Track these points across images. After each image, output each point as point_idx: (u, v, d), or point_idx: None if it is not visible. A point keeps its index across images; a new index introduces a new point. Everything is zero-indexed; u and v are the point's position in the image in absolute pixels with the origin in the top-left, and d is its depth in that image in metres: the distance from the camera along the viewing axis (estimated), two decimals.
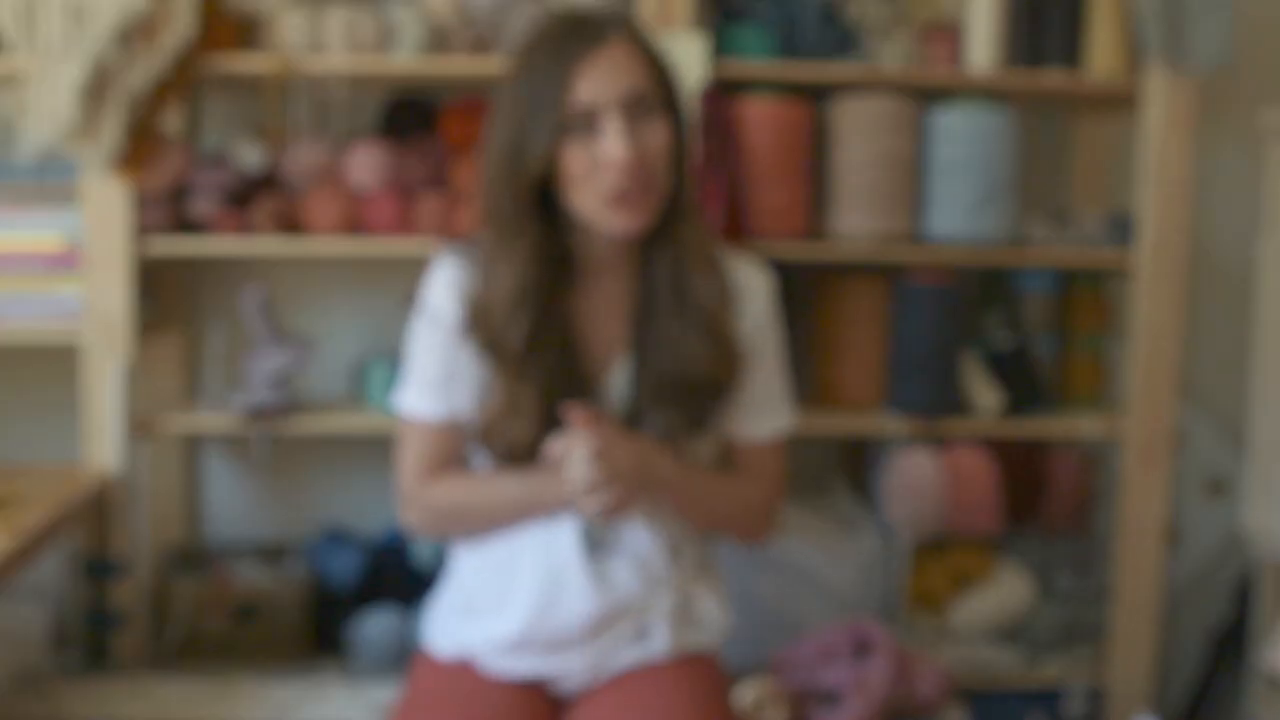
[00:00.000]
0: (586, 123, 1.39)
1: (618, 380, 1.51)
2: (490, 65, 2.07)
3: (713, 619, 1.57)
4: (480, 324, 1.46)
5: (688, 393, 1.48)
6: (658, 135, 1.41)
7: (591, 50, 1.39)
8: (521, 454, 1.47)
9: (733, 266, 1.55)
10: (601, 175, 1.39)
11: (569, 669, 1.52)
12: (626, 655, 1.52)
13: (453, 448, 1.54)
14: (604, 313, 1.51)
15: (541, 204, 1.44)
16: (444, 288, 1.50)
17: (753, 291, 1.55)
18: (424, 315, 1.52)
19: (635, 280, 1.51)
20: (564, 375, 1.47)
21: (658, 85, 1.42)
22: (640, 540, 1.51)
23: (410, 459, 1.55)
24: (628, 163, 1.37)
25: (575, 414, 1.41)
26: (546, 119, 1.39)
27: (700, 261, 1.49)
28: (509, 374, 1.46)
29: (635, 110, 1.39)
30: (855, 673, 1.67)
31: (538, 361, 1.45)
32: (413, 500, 1.55)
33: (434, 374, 1.51)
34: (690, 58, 2.00)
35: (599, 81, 1.38)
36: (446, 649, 1.57)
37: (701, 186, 2.04)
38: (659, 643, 1.52)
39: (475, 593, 1.56)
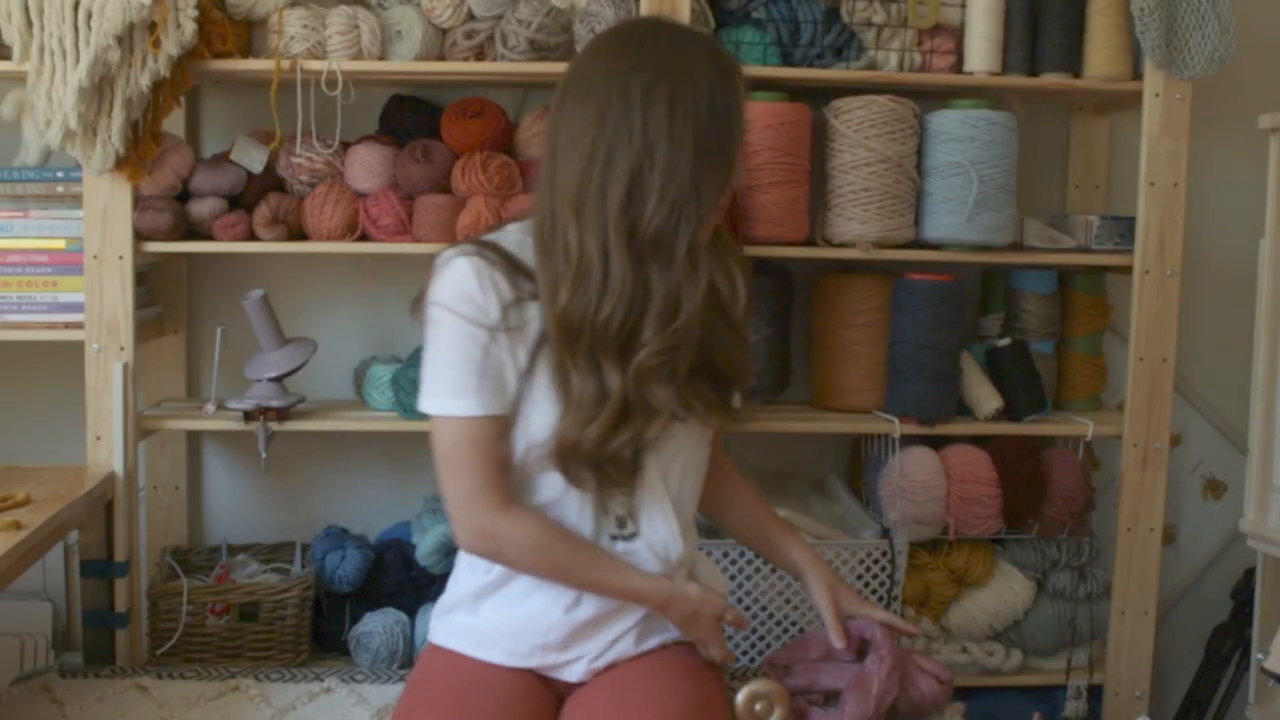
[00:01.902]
0: None
1: None
2: (491, 67, 2.08)
3: (715, 583, 1.64)
4: (587, 333, 1.43)
5: (716, 377, 1.52)
6: None
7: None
8: (595, 459, 1.46)
9: None
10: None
11: (577, 658, 1.54)
12: (632, 640, 1.55)
13: (501, 449, 1.49)
14: None
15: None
16: (476, 284, 1.46)
17: None
18: (452, 314, 1.46)
19: None
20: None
21: None
22: (659, 531, 1.54)
23: (466, 471, 1.47)
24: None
25: None
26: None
27: (728, 261, 1.56)
28: (583, 374, 1.45)
29: None
30: (856, 673, 1.67)
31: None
32: (479, 530, 1.49)
33: (475, 372, 1.46)
34: None
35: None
36: (456, 643, 1.58)
37: None
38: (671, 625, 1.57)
39: (491, 589, 1.56)
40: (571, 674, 1.55)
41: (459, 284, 1.46)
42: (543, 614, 1.53)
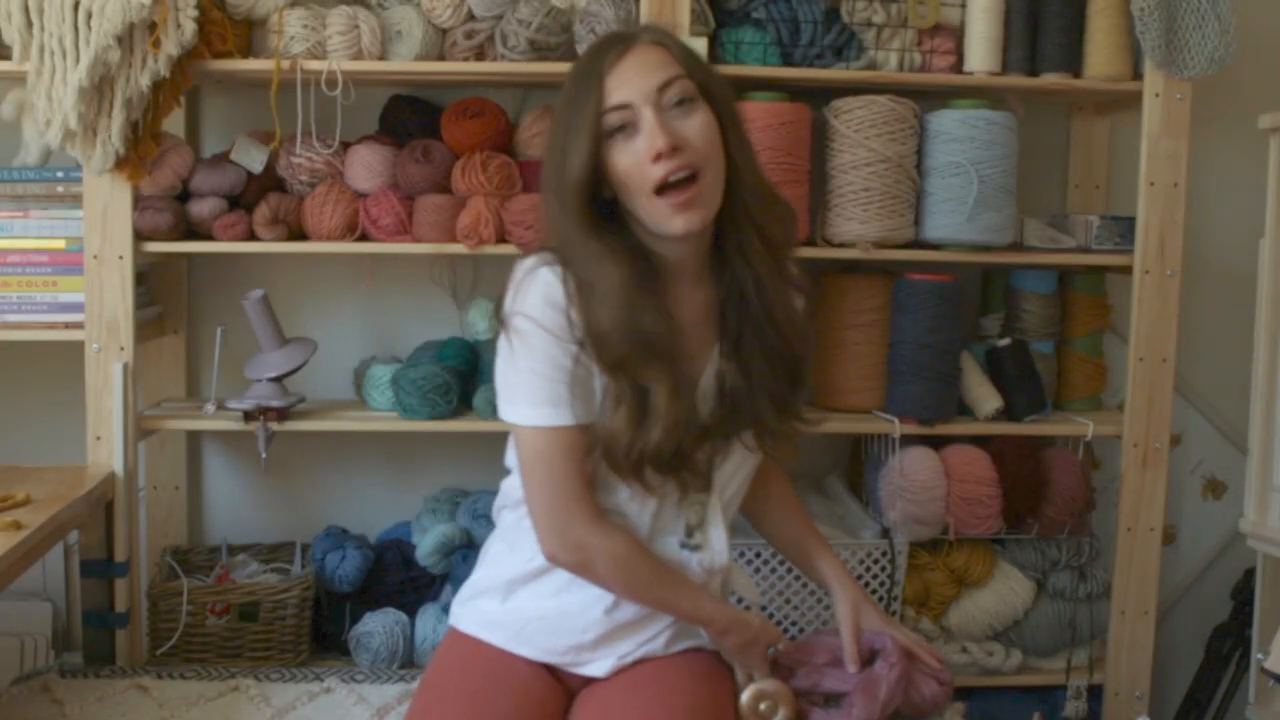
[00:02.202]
0: (626, 125, 1.43)
1: (708, 381, 1.53)
2: (491, 67, 2.08)
3: (749, 591, 1.66)
4: (593, 340, 1.45)
5: (777, 385, 1.53)
6: (697, 125, 1.44)
7: (619, 54, 1.44)
8: (655, 463, 1.45)
9: None
10: (646, 171, 1.42)
11: (607, 656, 1.54)
12: (663, 642, 1.56)
13: (585, 459, 1.48)
14: (695, 316, 1.53)
15: (603, 214, 1.47)
16: (560, 293, 1.45)
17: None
18: (535, 323, 1.44)
19: (717, 282, 1.53)
20: (675, 379, 1.47)
21: (690, 79, 1.46)
22: (715, 541, 1.57)
23: (557, 481, 1.46)
24: (665, 149, 1.40)
25: None
26: (585, 124, 1.43)
27: (772, 258, 1.52)
28: (631, 382, 1.45)
29: (669, 104, 1.43)
30: (863, 676, 1.67)
31: (652, 366, 1.45)
32: (571, 541, 1.47)
33: (565, 381, 1.45)
34: None
35: (627, 82, 1.43)
36: (483, 634, 1.58)
37: None
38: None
39: (529, 578, 1.57)
40: (597, 670, 1.55)
41: (547, 294, 1.45)
42: (581, 612, 1.53)
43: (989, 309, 2.38)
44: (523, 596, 1.56)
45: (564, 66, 1.63)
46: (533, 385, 1.45)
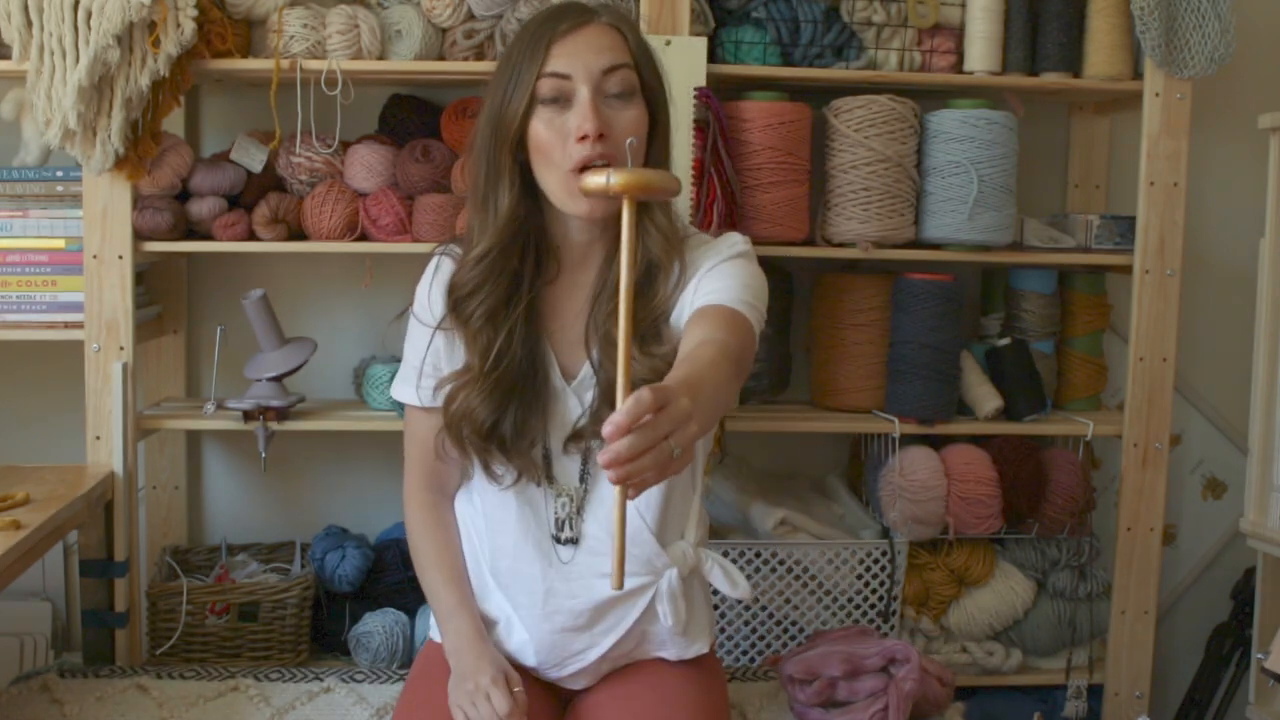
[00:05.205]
0: (559, 97, 1.40)
1: (585, 390, 1.48)
2: (490, 66, 2.07)
3: (736, 586, 1.56)
4: (451, 295, 1.49)
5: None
6: (629, 120, 1.41)
7: (573, 25, 1.42)
8: (471, 432, 1.46)
9: (709, 245, 1.51)
10: (568, 148, 1.39)
11: (579, 670, 1.53)
12: (628, 646, 1.52)
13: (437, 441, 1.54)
14: (579, 308, 1.50)
15: (522, 183, 1.45)
16: (431, 283, 1.54)
17: (717, 250, 1.49)
18: (414, 315, 1.57)
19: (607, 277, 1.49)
20: (529, 364, 1.46)
21: (637, 74, 1.43)
22: (604, 530, 1.50)
23: (408, 449, 1.61)
24: (593, 134, 1.37)
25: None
26: (523, 84, 1.41)
27: (664, 258, 1.45)
28: (473, 345, 1.47)
29: (608, 91, 1.41)
30: (889, 683, 1.66)
31: (501, 339, 1.45)
32: (406, 502, 1.62)
33: (420, 364, 1.55)
34: (690, 59, 2.00)
35: (574, 55, 1.40)
36: None
37: (701, 186, 2.05)
38: (664, 628, 1.51)
39: (478, 596, 1.56)
40: (576, 683, 1.55)
41: (421, 284, 1.57)
42: (529, 640, 1.51)
43: (989, 309, 2.38)
44: (483, 614, 1.55)
45: None
46: (406, 367, 1.58)
